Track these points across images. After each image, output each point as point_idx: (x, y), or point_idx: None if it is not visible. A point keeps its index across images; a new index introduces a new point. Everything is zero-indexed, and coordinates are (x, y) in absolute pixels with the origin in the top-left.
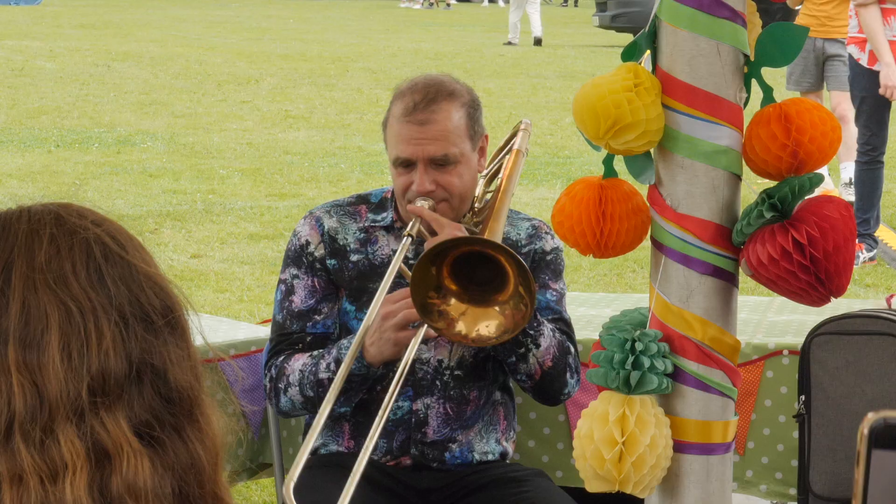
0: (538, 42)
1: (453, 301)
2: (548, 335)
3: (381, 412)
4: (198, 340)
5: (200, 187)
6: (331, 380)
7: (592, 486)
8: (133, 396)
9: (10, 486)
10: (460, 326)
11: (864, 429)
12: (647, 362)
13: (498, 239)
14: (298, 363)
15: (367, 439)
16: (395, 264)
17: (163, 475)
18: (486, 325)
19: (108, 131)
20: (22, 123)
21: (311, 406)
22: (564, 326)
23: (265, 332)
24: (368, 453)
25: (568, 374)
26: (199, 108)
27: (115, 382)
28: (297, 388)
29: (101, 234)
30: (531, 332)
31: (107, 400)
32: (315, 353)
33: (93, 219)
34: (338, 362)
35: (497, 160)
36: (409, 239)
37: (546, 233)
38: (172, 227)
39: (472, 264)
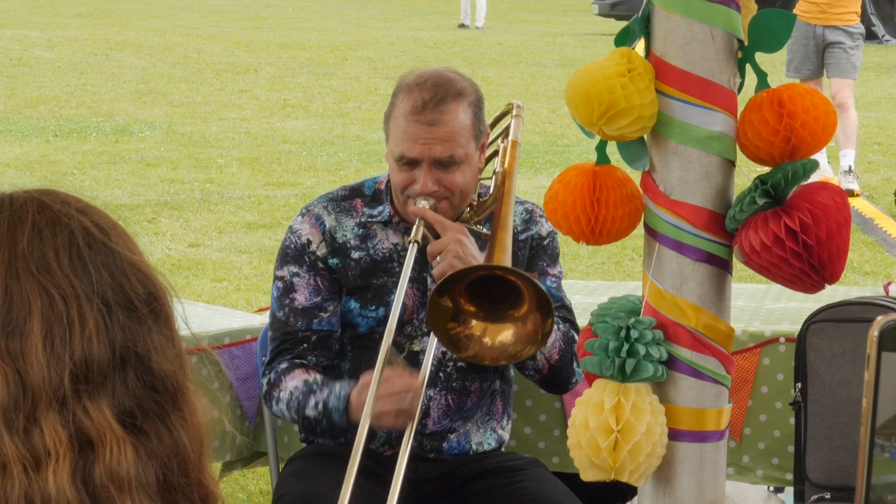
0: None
1: (474, 322)
2: (552, 330)
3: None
4: (182, 329)
5: (198, 176)
6: (317, 419)
7: (588, 475)
8: (116, 384)
9: None
10: (488, 343)
11: (875, 332)
12: (641, 350)
13: (508, 255)
14: (292, 383)
15: (400, 456)
16: (405, 276)
17: (146, 463)
18: (508, 340)
19: (106, 121)
20: (20, 113)
21: (299, 426)
22: (567, 313)
23: (260, 320)
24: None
25: (575, 364)
26: (198, 97)
27: (98, 370)
28: (285, 406)
29: (85, 220)
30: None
31: (90, 387)
32: (310, 378)
33: (76, 206)
34: (325, 405)
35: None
36: (416, 246)
37: (540, 216)
38: (170, 216)
39: (485, 283)
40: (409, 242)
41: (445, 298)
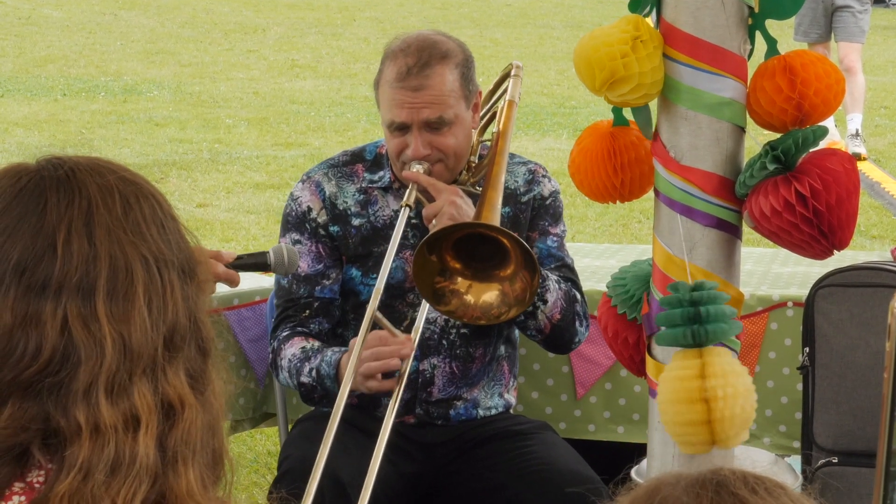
0: None
1: (459, 279)
2: (554, 289)
3: (393, 398)
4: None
5: (206, 136)
6: (313, 386)
7: (688, 450)
8: (188, 349)
9: (89, 438)
10: (470, 300)
11: (895, 303)
12: (712, 312)
13: (496, 214)
14: (290, 351)
15: (387, 416)
16: (395, 239)
17: (207, 430)
18: (493, 300)
19: (114, 80)
20: (29, 72)
21: (300, 394)
22: (568, 272)
23: (269, 281)
24: (390, 427)
25: (577, 323)
26: (206, 56)
27: (181, 336)
28: (287, 373)
29: (153, 189)
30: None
31: (174, 354)
32: (307, 345)
33: (139, 175)
34: (318, 372)
35: (489, 105)
36: (408, 210)
37: (543, 176)
38: (178, 176)
39: (474, 241)
40: (402, 206)
41: (432, 256)
